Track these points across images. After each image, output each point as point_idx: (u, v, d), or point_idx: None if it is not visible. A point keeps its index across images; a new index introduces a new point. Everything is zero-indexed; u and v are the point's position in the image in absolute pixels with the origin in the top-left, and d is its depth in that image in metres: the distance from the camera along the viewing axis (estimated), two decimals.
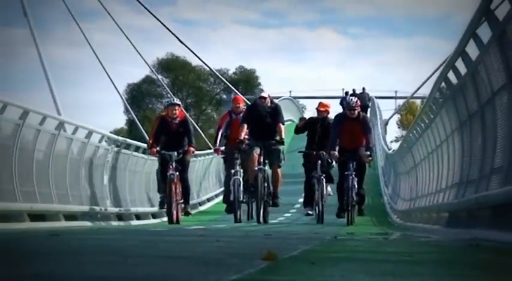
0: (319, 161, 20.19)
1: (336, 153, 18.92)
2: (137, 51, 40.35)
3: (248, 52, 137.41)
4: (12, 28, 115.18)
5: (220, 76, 49.69)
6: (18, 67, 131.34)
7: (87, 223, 19.70)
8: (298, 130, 22.18)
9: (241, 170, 20.20)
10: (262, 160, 19.33)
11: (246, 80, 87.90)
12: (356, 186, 18.98)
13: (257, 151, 19.29)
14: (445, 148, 17.37)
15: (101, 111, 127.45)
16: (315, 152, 20.38)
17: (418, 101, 71.21)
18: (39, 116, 18.11)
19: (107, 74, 35.94)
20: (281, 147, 19.62)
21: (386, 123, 64.32)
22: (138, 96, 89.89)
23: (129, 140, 25.04)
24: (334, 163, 20.25)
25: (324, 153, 19.82)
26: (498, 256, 6.18)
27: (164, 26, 39.83)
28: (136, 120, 39.85)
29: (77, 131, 20.67)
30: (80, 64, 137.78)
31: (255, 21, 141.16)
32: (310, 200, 20.90)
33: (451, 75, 14.96)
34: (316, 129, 20.76)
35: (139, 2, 39.06)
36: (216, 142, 21.35)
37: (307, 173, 20.95)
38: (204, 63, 44.79)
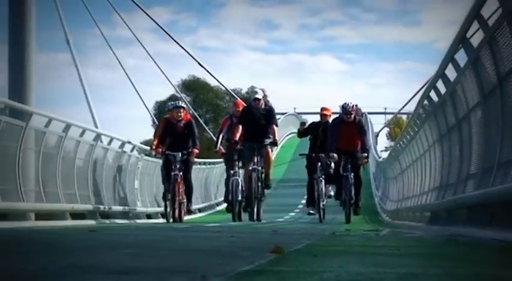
0: (319, 163, 18.66)
1: (335, 155, 17.41)
2: (163, 73, 40.37)
3: (258, 74, 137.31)
4: (56, 53, 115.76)
5: (234, 95, 49.53)
6: (62, 87, 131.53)
7: (120, 221, 19.70)
8: (300, 134, 20.88)
9: (240, 171, 18.69)
10: (256, 160, 17.56)
11: None
12: (353, 185, 17.61)
13: (251, 151, 17.62)
14: (427, 157, 17.35)
15: (132, 125, 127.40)
16: (314, 155, 18.88)
17: (404, 116, 71.19)
18: (79, 129, 18.19)
19: (138, 93, 36.04)
20: (274, 148, 17.88)
21: (377, 135, 64.22)
22: (164, 112, 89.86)
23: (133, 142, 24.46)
24: (332, 164, 18.36)
25: (324, 155, 18.20)
26: (473, 250, 6.16)
27: (187, 52, 39.81)
28: None
29: (112, 142, 20.75)
30: (114, 84, 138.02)
31: (263, 48, 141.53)
32: (312, 200, 19.27)
33: (432, 94, 14.96)
34: (318, 133, 19.14)
35: (165, 32, 39.04)
36: (217, 144, 19.46)
37: (310, 174, 19.44)
38: (220, 83, 44.78)
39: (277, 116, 21.13)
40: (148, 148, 22.34)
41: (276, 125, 18.10)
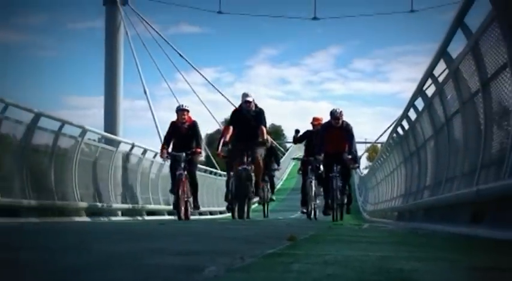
0: (310, 167, 14.62)
1: (321, 157, 13.62)
2: (211, 114, 40.60)
3: (276, 115, 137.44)
4: (137, 100, 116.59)
5: None
6: (140, 124, 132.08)
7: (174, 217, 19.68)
8: (295, 141, 16.46)
9: None
10: (245, 161, 13.16)
11: (275, 132, 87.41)
12: (340, 187, 13.63)
13: (241, 152, 13.22)
14: (395, 173, 17.28)
15: None
16: (306, 158, 15.09)
17: (379, 145, 70.84)
18: (153, 153, 18.22)
19: None
20: (263, 148, 13.59)
21: (359, 158, 63.98)
22: (212, 141, 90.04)
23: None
24: (322, 167, 14.49)
25: (313, 159, 14.27)
26: (429, 239, 6.10)
27: (227, 99, 40.00)
28: (211, 155, 39.92)
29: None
30: None
31: (280, 97, 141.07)
32: (305, 200, 15.40)
33: (399, 130, 14.92)
34: (311, 139, 14.94)
35: (212, 85, 39.30)
36: (218, 148, 14.29)
37: (303, 177, 15.59)
38: None
39: (289, 144, 20.14)
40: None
41: (265, 126, 13.59)
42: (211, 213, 25.64)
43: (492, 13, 6.31)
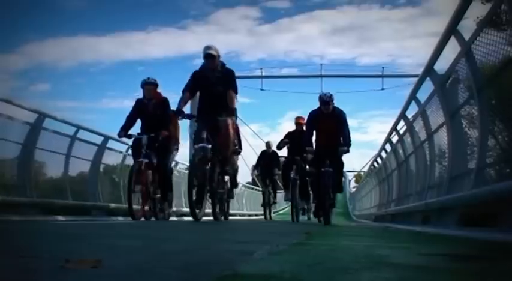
0: (294, 166, 9.54)
1: (312, 148, 7.69)
2: (257, 154, 40.28)
3: None
4: None
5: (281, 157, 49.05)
6: None
7: (242, 217, 19.51)
8: (279, 145, 10.08)
9: None
10: (205, 137, 5.75)
11: None
12: (331, 183, 7.59)
13: (202, 127, 5.84)
14: (373, 192, 17.07)
15: (245, 171, 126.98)
16: (290, 157, 9.90)
17: (362, 173, 69.94)
18: None
19: (247, 164, 36.00)
20: (232, 118, 5.86)
21: (349, 181, 63.12)
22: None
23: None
24: (307, 166, 9.00)
25: (299, 158, 9.29)
26: (396, 234, 5.96)
27: (255, 133, 39.78)
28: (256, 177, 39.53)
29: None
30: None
31: None
32: (287, 184, 9.72)
33: (375, 163, 14.78)
34: (295, 139, 9.55)
35: (257, 135, 39.06)
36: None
37: (284, 173, 10.10)
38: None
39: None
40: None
41: (235, 93, 5.78)
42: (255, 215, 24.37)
43: (434, 90, 6.32)
